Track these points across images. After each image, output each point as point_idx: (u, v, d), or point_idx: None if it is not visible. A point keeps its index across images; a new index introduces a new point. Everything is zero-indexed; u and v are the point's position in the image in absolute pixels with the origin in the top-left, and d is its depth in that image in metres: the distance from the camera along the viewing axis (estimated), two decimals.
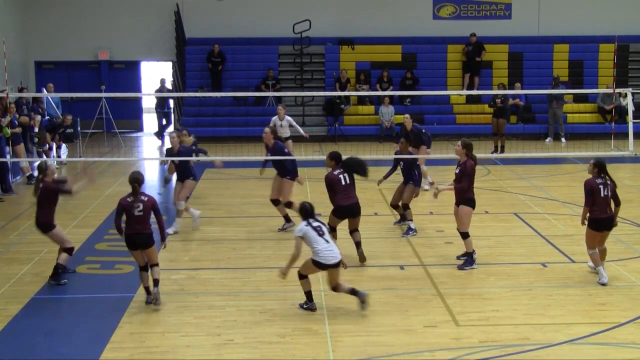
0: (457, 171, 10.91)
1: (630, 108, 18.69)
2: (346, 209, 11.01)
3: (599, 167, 10.15)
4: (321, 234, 9.11)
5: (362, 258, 11.16)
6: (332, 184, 10.99)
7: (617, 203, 10.24)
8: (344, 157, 11.30)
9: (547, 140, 24.02)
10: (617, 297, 9.70)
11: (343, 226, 11.54)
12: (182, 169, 13.14)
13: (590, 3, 27.62)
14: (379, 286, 10.17)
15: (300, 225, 9.19)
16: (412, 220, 12.80)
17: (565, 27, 27.37)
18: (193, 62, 26.25)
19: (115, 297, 9.84)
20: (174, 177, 14.06)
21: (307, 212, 9.30)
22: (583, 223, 10.27)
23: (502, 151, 20.87)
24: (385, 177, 13.41)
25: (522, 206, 14.92)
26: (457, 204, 10.94)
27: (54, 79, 25.25)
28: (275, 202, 13.08)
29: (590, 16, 27.48)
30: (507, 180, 17.48)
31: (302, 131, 18.59)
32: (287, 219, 13.05)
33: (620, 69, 24.94)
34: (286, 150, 13.58)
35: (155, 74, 27.58)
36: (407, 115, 15.99)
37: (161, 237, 9.62)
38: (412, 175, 12.92)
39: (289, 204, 12.92)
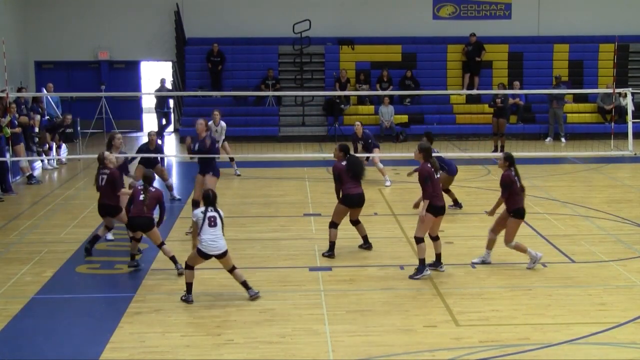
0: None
1: (630, 108, 18.75)
2: (354, 197, 11.27)
3: (510, 160, 10.67)
4: (212, 225, 9.42)
5: (369, 246, 11.68)
6: (340, 174, 11.27)
7: (523, 189, 10.78)
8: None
9: (547, 140, 24.02)
10: (617, 297, 9.70)
11: (343, 226, 11.56)
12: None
13: (590, 3, 27.61)
14: (379, 286, 10.17)
15: (196, 211, 9.62)
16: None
17: (565, 27, 27.37)
18: (193, 62, 26.24)
19: (115, 297, 9.84)
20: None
21: (207, 199, 9.59)
22: (492, 214, 10.98)
23: (502, 151, 20.84)
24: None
25: None
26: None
27: (54, 79, 25.24)
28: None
29: (590, 16, 27.47)
30: None
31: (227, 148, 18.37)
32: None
33: (620, 69, 24.94)
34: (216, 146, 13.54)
35: (155, 74, 27.57)
36: (357, 123, 17.04)
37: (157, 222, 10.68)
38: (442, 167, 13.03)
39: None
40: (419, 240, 10.47)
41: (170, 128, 26.57)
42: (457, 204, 14.30)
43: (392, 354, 8.01)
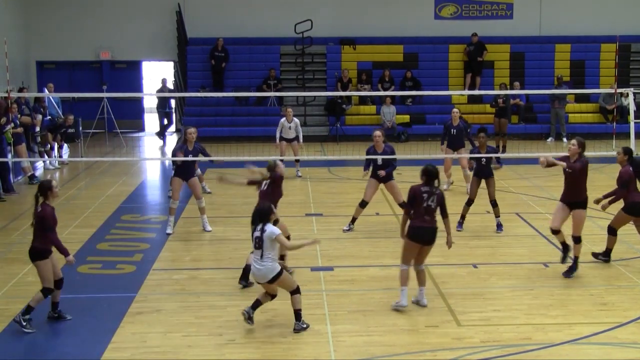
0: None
1: (632, 108, 18.68)
2: None
3: (427, 175, 9.24)
4: (257, 247, 8.55)
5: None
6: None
7: (444, 215, 9.35)
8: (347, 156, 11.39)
9: (549, 140, 24.01)
10: (619, 297, 9.69)
11: (340, 226, 11.54)
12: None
13: (592, 3, 27.61)
14: (381, 286, 10.17)
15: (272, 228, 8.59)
16: (499, 216, 12.94)
17: (566, 27, 27.36)
18: (195, 62, 26.25)
19: (117, 297, 9.84)
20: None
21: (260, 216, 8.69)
22: (402, 235, 9.38)
23: (504, 151, 20.86)
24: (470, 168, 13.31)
25: (524, 206, 14.92)
26: None
27: (56, 79, 25.28)
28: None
29: (592, 16, 27.48)
30: (508, 180, 17.47)
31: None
32: None
33: (622, 69, 24.98)
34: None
35: (157, 74, 27.57)
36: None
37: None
38: (489, 169, 12.99)
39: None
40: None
41: (172, 128, 26.59)
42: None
43: (394, 354, 8.01)
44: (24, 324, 8.64)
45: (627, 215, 10.85)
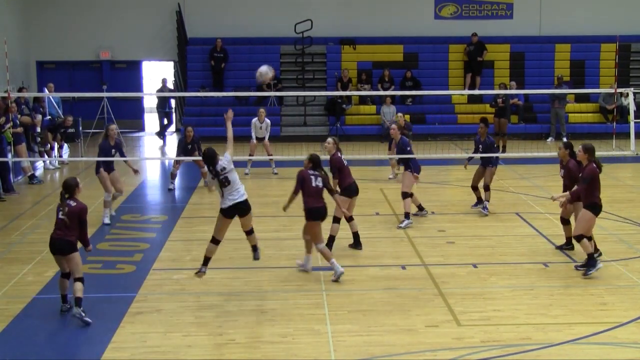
0: None
1: (632, 108, 18.72)
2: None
3: (313, 161, 10.68)
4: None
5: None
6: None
7: (332, 193, 10.83)
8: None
9: (549, 140, 24.01)
10: (619, 297, 9.69)
11: (341, 225, 11.54)
12: None
13: (592, 3, 27.61)
14: (381, 286, 10.17)
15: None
16: (489, 200, 14.07)
17: (566, 26, 27.36)
18: (195, 62, 26.26)
19: (117, 297, 9.84)
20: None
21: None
22: (284, 208, 10.70)
23: (504, 151, 20.86)
24: (469, 159, 14.91)
25: (524, 206, 14.92)
26: None
27: (56, 79, 25.25)
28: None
29: (592, 16, 27.47)
30: (508, 180, 17.48)
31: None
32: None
33: (621, 69, 24.99)
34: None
35: (157, 74, 27.58)
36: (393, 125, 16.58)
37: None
38: (490, 158, 14.12)
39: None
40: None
41: (172, 128, 26.58)
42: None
43: (394, 354, 8.01)
44: (84, 315, 8.88)
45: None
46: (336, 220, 11.52)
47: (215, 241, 9.85)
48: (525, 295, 9.79)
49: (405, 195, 13.24)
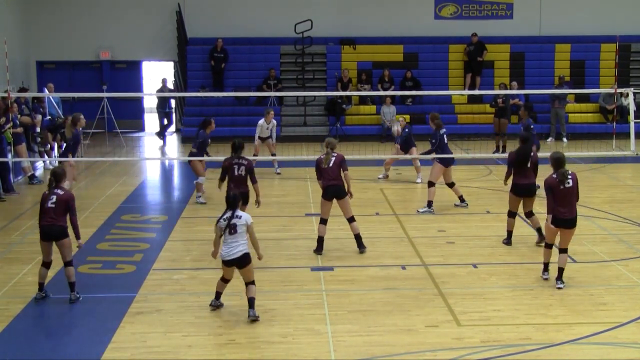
0: None
1: (632, 108, 18.70)
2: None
3: (234, 148, 11.52)
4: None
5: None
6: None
7: (254, 181, 11.39)
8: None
9: (549, 140, 24.00)
10: (619, 297, 9.69)
11: (342, 225, 11.53)
12: None
13: (592, 3, 27.60)
14: (381, 286, 10.17)
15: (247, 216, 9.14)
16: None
17: (566, 26, 27.35)
18: (195, 62, 26.25)
19: (117, 297, 9.84)
20: None
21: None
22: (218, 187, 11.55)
23: (504, 151, 20.84)
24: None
25: None
26: None
27: (56, 79, 25.24)
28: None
29: (592, 16, 27.47)
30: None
31: None
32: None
33: (622, 69, 24.96)
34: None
35: (157, 74, 27.56)
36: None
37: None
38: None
39: None
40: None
41: (172, 128, 26.58)
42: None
43: (394, 354, 8.01)
44: (78, 296, 9.62)
45: (511, 194, 11.93)
46: (323, 221, 11.59)
47: (224, 280, 9.33)
48: (525, 295, 9.79)
49: (431, 184, 14.21)
